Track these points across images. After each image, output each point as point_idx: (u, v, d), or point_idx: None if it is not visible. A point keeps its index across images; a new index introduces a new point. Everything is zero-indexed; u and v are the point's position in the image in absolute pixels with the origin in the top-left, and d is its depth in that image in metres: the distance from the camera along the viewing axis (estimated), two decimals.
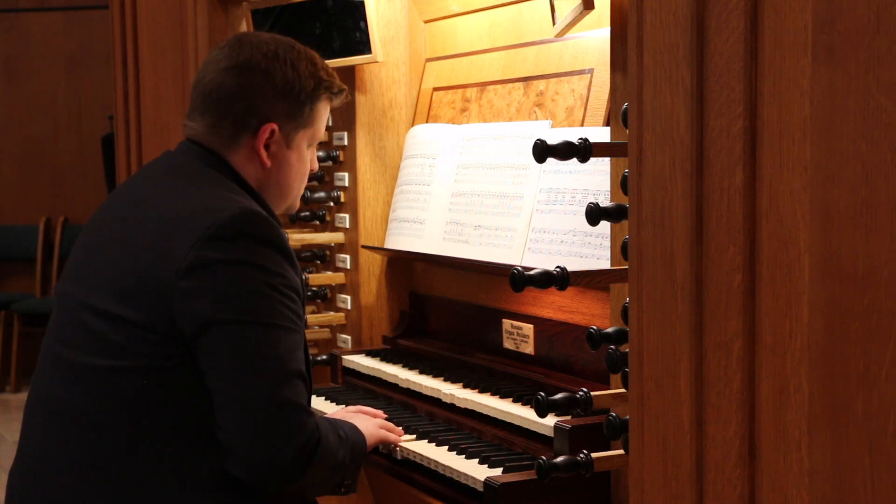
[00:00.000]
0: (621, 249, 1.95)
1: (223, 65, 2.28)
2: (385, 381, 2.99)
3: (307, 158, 2.39)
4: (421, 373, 2.92)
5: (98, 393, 2.11)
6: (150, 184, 2.28)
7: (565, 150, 1.97)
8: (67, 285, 2.25)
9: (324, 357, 3.34)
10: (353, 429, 2.35)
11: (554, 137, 2.70)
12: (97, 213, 2.33)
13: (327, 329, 3.42)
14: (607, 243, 2.28)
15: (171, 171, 2.28)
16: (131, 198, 2.28)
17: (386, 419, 2.62)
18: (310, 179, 3.44)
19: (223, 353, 2.05)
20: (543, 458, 2.03)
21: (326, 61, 3.25)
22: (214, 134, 2.27)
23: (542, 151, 1.97)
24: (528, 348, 2.77)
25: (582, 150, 1.96)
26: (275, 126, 2.28)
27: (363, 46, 3.15)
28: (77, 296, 2.19)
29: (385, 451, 2.55)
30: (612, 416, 1.93)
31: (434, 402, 2.77)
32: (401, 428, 2.60)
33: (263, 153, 2.28)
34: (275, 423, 2.05)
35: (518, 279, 2.00)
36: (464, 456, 2.42)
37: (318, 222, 3.48)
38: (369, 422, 2.51)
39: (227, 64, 2.28)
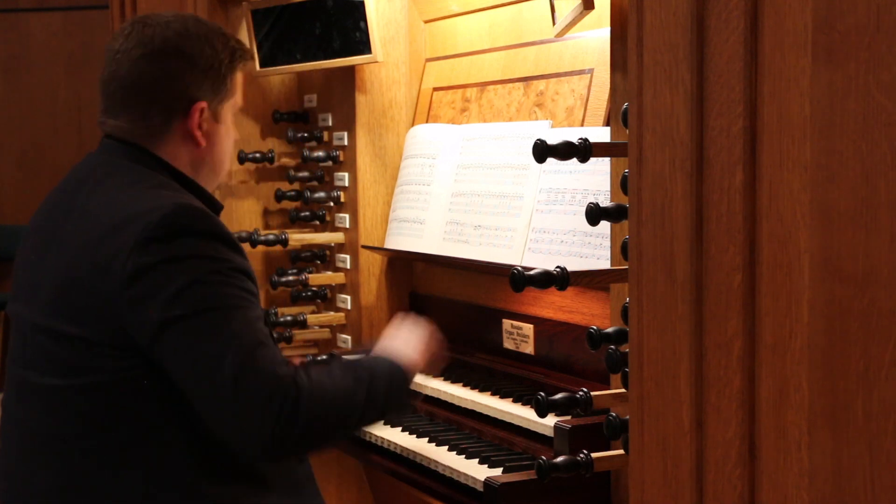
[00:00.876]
0: (621, 249, 1.95)
1: (136, 53, 2.21)
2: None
3: (233, 129, 2.37)
4: (421, 373, 2.92)
5: (62, 413, 2.08)
6: (81, 192, 2.20)
7: (565, 150, 1.97)
8: (18, 306, 2.22)
9: (324, 357, 3.33)
10: (383, 362, 2.26)
11: (554, 137, 2.70)
12: (33, 225, 2.28)
13: (327, 329, 3.42)
14: (607, 243, 2.28)
15: (99, 174, 2.21)
16: (63, 209, 2.21)
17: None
18: (309, 180, 3.47)
19: (182, 350, 1.99)
20: (543, 458, 2.03)
21: (326, 61, 3.26)
22: (144, 126, 2.22)
23: (542, 151, 1.97)
24: (528, 348, 2.77)
25: (582, 150, 1.96)
26: (204, 104, 2.24)
27: (363, 46, 3.15)
28: (28, 317, 2.16)
29: (389, 447, 2.53)
30: (612, 416, 1.93)
31: (434, 401, 2.77)
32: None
33: (198, 134, 2.24)
34: (251, 400, 1.97)
35: (518, 279, 2.00)
36: (464, 456, 2.42)
37: (318, 222, 3.48)
38: (410, 341, 2.40)
39: (142, 52, 2.21)
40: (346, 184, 3.35)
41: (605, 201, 2.04)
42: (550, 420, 2.25)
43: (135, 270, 2.00)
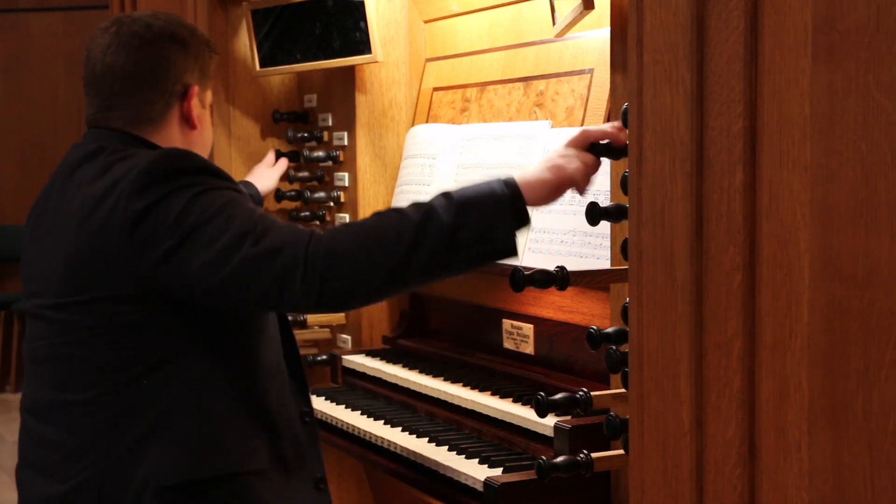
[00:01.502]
0: (621, 249, 1.95)
1: (135, 43, 2.28)
2: (385, 381, 3.00)
3: (209, 118, 2.45)
4: (421, 373, 2.92)
5: (88, 373, 2.15)
6: (73, 176, 2.25)
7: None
8: (35, 301, 2.26)
9: (324, 357, 3.34)
10: (479, 184, 2.11)
11: (554, 137, 2.70)
12: (29, 223, 2.35)
13: (327, 329, 3.42)
14: (607, 243, 2.28)
15: (84, 164, 2.25)
16: (57, 196, 2.26)
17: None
18: (309, 180, 3.47)
19: (203, 257, 2.05)
20: (543, 458, 2.03)
21: (326, 61, 3.26)
22: (148, 111, 2.28)
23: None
24: (528, 348, 2.77)
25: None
26: (197, 88, 2.34)
27: (363, 46, 3.15)
28: (44, 306, 2.22)
29: (388, 447, 2.51)
30: (612, 416, 1.93)
31: (434, 402, 2.78)
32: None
33: (194, 117, 2.33)
34: (279, 266, 2.01)
35: (518, 279, 2.00)
36: (464, 456, 2.42)
37: (318, 222, 3.48)
38: (548, 163, 2.11)
39: (139, 42, 2.28)
40: (346, 184, 3.35)
41: (605, 201, 2.04)
42: (550, 420, 2.25)
43: (135, 216, 2.07)
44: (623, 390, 1.98)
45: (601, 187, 2.48)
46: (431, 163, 3.09)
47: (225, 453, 2.15)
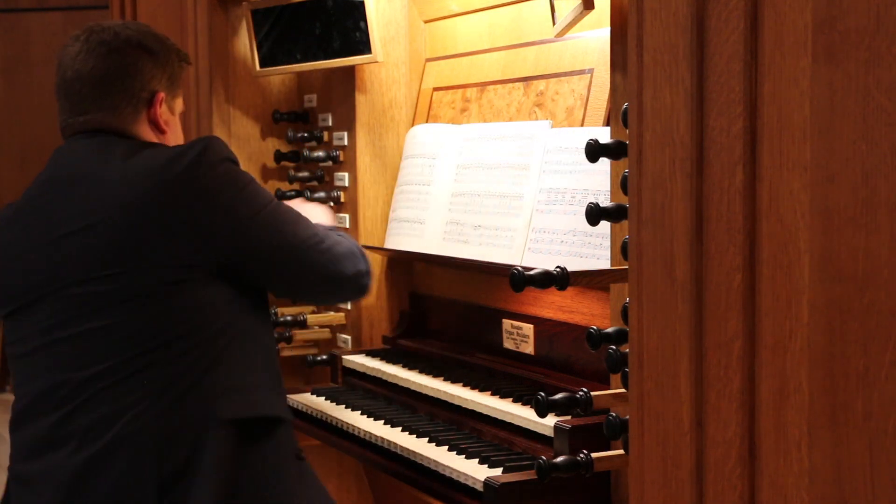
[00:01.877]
0: (621, 249, 1.95)
1: (102, 50, 2.38)
2: (385, 381, 2.99)
3: (180, 127, 2.55)
4: (421, 373, 2.92)
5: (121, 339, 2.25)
6: (81, 171, 2.33)
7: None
8: (42, 298, 2.29)
9: (324, 357, 3.34)
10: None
11: (554, 137, 2.70)
12: (15, 235, 2.39)
13: (327, 329, 3.42)
14: (607, 243, 2.28)
15: (96, 152, 2.34)
16: (62, 194, 2.33)
17: None
18: (309, 180, 3.47)
19: (276, 229, 2.37)
20: (543, 458, 2.03)
21: (326, 61, 3.26)
22: (115, 116, 2.38)
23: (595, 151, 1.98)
24: (528, 348, 2.77)
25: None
26: (163, 95, 2.44)
27: (363, 46, 3.15)
28: (60, 294, 2.27)
29: (387, 446, 2.52)
30: (612, 416, 1.93)
31: (434, 402, 2.77)
32: None
33: (161, 122, 2.43)
34: (339, 245, 2.49)
35: (518, 279, 2.00)
36: (464, 456, 2.42)
37: None
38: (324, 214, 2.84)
39: (107, 49, 2.39)
40: (346, 184, 3.35)
41: (605, 201, 2.04)
42: (550, 420, 2.25)
43: (204, 189, 2.25)
44: (623, 390, 1.98)
45: (601, 187, 2.48)
46: (431, 163, 3.09)
47: (267, 398, 2.35)
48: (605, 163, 2.08)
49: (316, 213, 2.75)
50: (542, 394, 2.05)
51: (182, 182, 2.23)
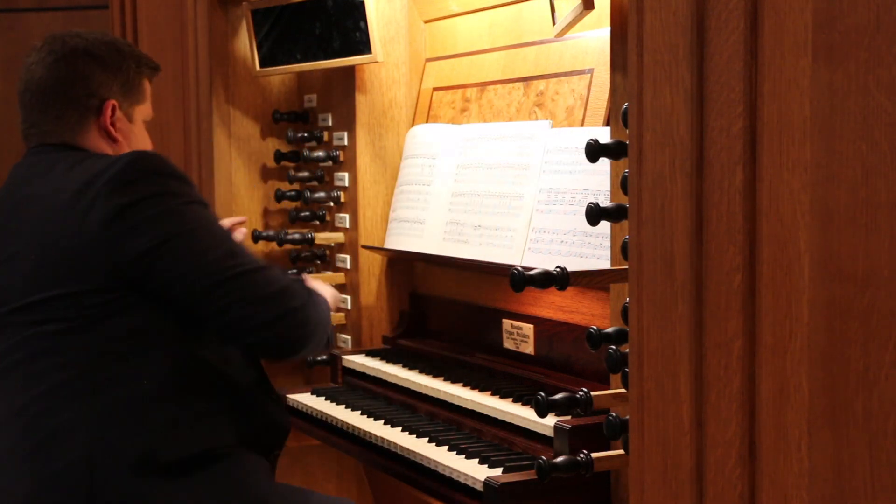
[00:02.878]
0: (621, 249, 1.95)
1: (49, 60, 2.38)
2: (385, 381, 2.99)
3: (146, 134, 2.51)
4: (421, 373, 2.92)
5: (60, 359, 2.21)
6: (23, 189, 2.34)
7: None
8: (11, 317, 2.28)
9: (324, 357, 3.34)
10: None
11: (554, 137, 2.70)
12: None
13: None
14: (607, 243, 2.27)
15: (41, 168, 2.35)
16: (7, 212, 2.34)
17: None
18: (309, 180, 3.47)
19: (184, 261, 2.19)
20: (543, 458, 2.03)
21: (326, 61, 3.26)
22: (62, 125, 2.37)
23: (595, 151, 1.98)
24: (528, 348, 2.77)
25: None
26: (114, 103, 2.40)
27: (363, 46, 3.15)
28: (7, 314, 2.26)
29: (388, 446, 2.52)
30: (612, 416, 1.93)
31: (434, 402, 2.77)
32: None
33: (111, 130, 2.40)
34: (264, 285, 2.24)
35: (518, 279, 2.00)
36: (464, 456, 2.42)
37: (318, 222, 3.48)
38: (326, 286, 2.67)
39: (55, 57, 2.38)
40: (346, 184, 3.35)
41: (605, 201, 2.04)
42: (550, 420, 2.25)
43: (117, 210, 2.16)
44: (623, 390, 1.98)
45: (601, 187, 2.48)
46: (431, 163, 3.09)
47: (201, 431, 2.25)
48: (605, 163, 2.08)
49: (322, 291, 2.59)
50: (542, 394, 2.05)
51: (94, 203, 2.17)
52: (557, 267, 2.00)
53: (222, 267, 2.21)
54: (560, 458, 2.02)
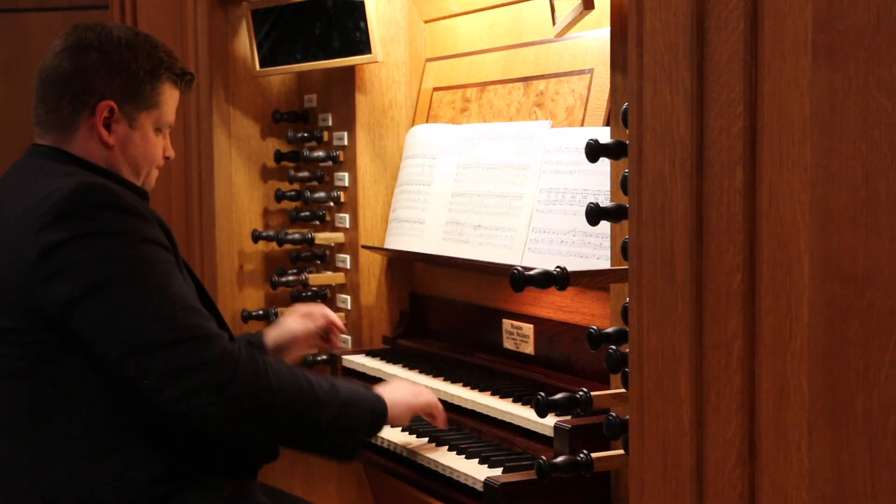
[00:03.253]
0: (621, 249, 1.95)
1: (59, 48, 2.30)
2: (385, 381, 2.99)
3: (155, 142, 2.36)
4: (421, 373, 2.92)
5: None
6: (2, 193, 2.28)
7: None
8: None
9: (324, 357, 3.34)
10: (358, 389, 2.30)
11: (554, 137, 2.70)
12: None
13: None
14: (607, 243, 2.27)
15: (17, 174, 2.29)
16: None
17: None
18: (309, 180, 3.47)
19: (103, 322, 2.05)
20: (543, 458, 2.03)
21: (326, 61, 3.26)
22: (55, 117, 2.29)
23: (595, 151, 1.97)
24: (528, 348, 2.77)
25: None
26: (112, 104, 2.28)
27: (363, 46, 3.15)
28: None
29: (396, 449, 2.52)
30: (612, 416, 1.93)
31: None
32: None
33: (103, 132, 2.28)
34: (182, 357, 2.05)
35: (518, 279, 2.00)
36: (464, 456, 2.42)
37: (318, 222, 3.48)
38: (411, 388, 2.44)
39: (62, 47, 2.30)
40: (346, 184, 3.35)
41: (605, 201, 2.04)
42: (550, 420, 2.25)
43: (44, 248, 2.05)
44: (623, 390, 1.98)
45: (601, 187, 2.48)
46: (431, 163, 3.09)
47: (147, 475, 2.14)
48: (605, 163, 2.08)
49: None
50: (542, 394, 2.05)
51: (29, 236, 2.07)
52: (557, 267, 2.00)
53: (142, 332, 2.05)
54: (560, 458, 2.02)
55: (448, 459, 2.41)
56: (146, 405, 2.13)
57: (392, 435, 2.63)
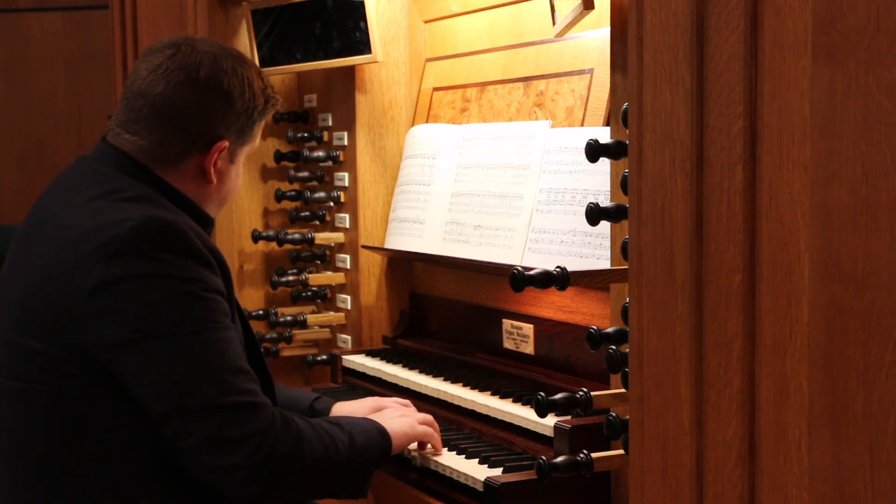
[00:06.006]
0: (621, 249, 1.95)
1: (179, 77, 2.15)
2: (385, 381, 2.99)
3: (241, 173, 2.32)
4: (421, 373, 2.92)
5: (27, 420, 2.05)
6: (60, 199, 2.15)
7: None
8: None
9: (324, 357, 3.34)
10: (369, 430, 2.28)
11: (554, 137, 2.70)
12: (19, 232, 2.20)
13: (327, 329, 3.42)
14: (607, 243, 2.27)
15: (79, 180, 2.16)
16: (42, 216, 2.15)
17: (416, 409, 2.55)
18: (309, 180, 3.47)
19: (149, 371, 1.95)
20: (543, 458, 2.03)
21: (326, 61, 3.27)
22: (161, 150, 2.16)
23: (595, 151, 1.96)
24: (528, 348, 2.77)
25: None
26: (226, 144, 2.21)
27: (363, 46, 3.15)
28: (1, 330, 2.10)
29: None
30: (612, 416, 1.93)
31: (434, 402, 2.77)
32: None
33: (212, 171, 2.20)
34: (226, 427, 1.96)
35: (518, 279, 2.00)
36: (464, 456, 2.42)
37: (318, 222, 3.48)
38: (405, 419, 2.41)
39: (185, 77, 2.16)
40: (346, 184, 3.35)
41: (605, 201, 2.04)
42: (550, 420, 2.25)
43: (98, 283, 1.94)
44: (623, 390, 1.98)
45: (601, 187, 2.48)
46: (431, 163, 3.09)
47: None
48: (605, 163, 2.08)
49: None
50: (542, 394, 2.05)
51: (85, 264, 1.95)
52: (557, 267, 2.00)
53: (192, 392, 1.95)
54: (560, 459, 2.02)
55: (448, 459, 2.41)
56: (181, 461, 2.03)
57: None
